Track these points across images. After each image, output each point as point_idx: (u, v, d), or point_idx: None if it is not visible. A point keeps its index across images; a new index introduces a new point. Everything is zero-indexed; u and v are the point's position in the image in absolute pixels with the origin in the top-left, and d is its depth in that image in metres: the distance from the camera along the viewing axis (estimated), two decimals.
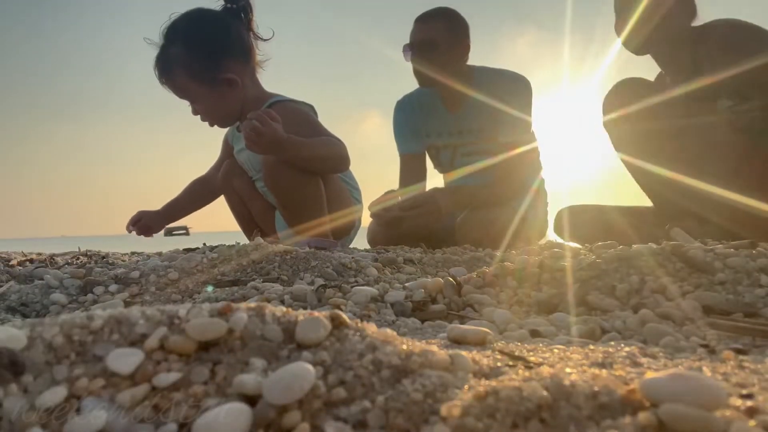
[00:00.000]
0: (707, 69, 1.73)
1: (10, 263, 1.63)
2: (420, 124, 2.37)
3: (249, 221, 2.28)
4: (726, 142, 1.71)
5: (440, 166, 2.42)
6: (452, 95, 2.24)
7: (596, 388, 0.31)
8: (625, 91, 1.95)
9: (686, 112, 1.79)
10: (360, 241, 2.33)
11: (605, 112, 1.98)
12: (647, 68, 2.02)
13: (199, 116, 2.03)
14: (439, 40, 2.12)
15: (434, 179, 2.49)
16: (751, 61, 1.61)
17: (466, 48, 2.20)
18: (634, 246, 0.91)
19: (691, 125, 1.78)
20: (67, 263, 1.64)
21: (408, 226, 2.03)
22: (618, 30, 1.96)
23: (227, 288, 1.02)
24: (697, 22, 1.85)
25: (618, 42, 2.00)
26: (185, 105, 2.04)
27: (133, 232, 2.30)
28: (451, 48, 2.15)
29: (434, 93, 2.32)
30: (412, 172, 2.39)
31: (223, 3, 1.96)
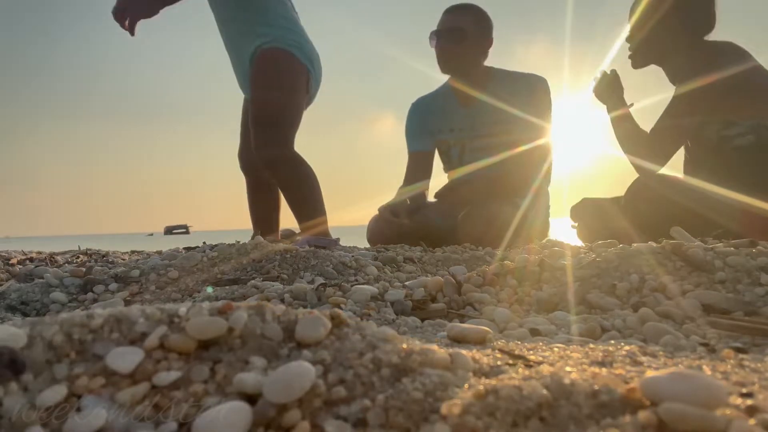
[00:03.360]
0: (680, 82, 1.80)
1: (10, 262, 1.63)
2: (432, 123, 2.39)
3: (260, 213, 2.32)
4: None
5: (449, 163, 2.44)
6: (467, 88, 2.28)
7: (596, 387, 0.31)
8: None
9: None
10: (360, 240, 2.33)
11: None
12: (645, 72, 2.06)
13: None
14: (467, 30, 2.20)
15: (437, 178, 2.51)
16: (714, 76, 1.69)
17: (489, 43, 2.27)
18: (634, 245, 0.92)
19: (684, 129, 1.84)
20: (67, 262, 1.64)
21: (410, 226, 2.07)
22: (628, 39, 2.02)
23: (227, 287, 1.02)
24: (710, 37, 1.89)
25: (615, 45, 2.07)
26: (184, 106, 2.05)
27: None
28: (477, 40, 2.23)
29: (449, 93, 2.36)
30: (418, 169, 2.42)
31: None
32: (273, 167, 1.97)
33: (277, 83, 1.96)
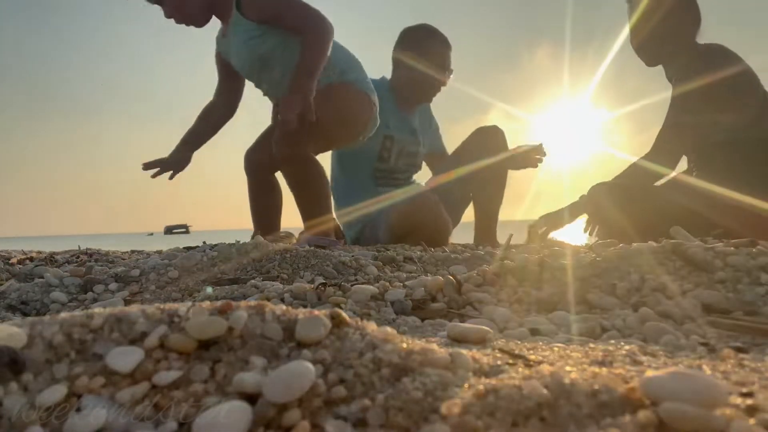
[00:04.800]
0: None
1: (10, 261, 1.63)
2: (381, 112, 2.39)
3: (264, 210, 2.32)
4: None
5: (381, 160, 2.48)
6: (414, 98, 2.53)
7: (596, 387, 0.31)
8: None
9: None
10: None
11: None
12: (642, 72, 2.07)
13: (172, 19, 2.00)
14: None
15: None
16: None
17: None
18: (634, 244, 0.92)
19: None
20: (67, 261, 1.64)
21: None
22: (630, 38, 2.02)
23: (227, 286, 1.01)
24: (702, 40, 1.91)
25: (611, 51, 2.10)
26: (184, 105, 2.04)
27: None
28: None
29: (386, 91, 2.44)
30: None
31: None
32: (288, 163, 1.96)
33: (343, 112, 1.97)
